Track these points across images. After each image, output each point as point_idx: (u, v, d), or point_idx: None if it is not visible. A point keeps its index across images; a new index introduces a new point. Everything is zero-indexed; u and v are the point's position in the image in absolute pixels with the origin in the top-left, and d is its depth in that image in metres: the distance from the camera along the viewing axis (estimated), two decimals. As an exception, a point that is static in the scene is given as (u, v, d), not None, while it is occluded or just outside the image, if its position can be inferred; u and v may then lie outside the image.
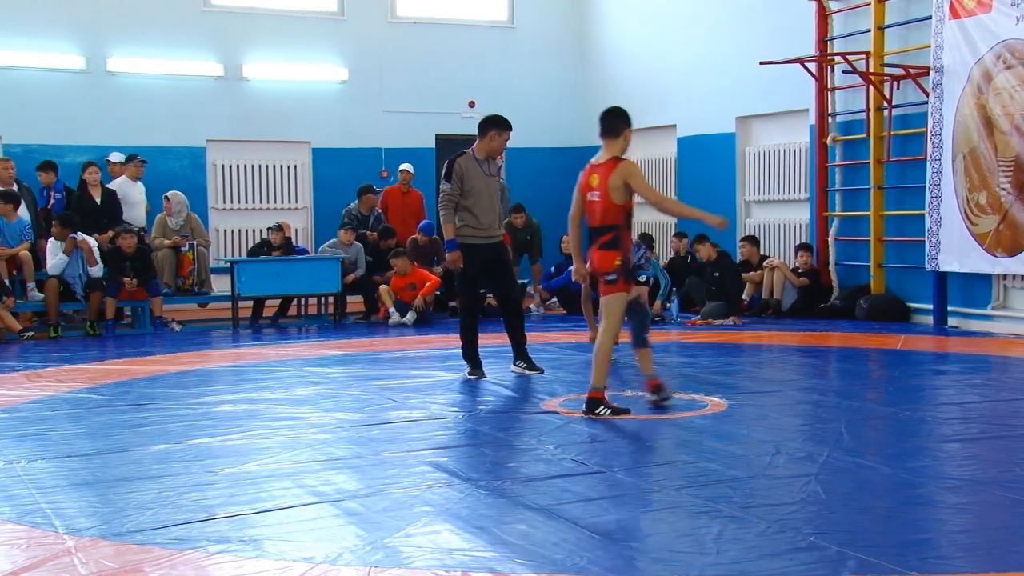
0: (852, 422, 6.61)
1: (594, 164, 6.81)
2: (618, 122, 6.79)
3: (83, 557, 4.08)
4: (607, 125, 6.79)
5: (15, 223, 11.87)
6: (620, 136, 6.77)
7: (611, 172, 6.64)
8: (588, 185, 6.78)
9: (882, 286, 12.34)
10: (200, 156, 14.85)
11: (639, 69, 15.85)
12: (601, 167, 6.73)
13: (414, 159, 15.03)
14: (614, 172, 6.63)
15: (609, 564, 3.95)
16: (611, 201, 6.64)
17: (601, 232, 6.71)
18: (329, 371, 8.97)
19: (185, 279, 12.60)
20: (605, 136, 6.79)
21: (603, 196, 6.66)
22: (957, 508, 4.73)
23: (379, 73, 15.73)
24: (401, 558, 4.05)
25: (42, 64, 14.02)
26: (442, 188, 8.29)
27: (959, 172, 11.04)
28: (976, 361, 9.34)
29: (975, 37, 10.80)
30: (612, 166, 6.66)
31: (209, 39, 14.84)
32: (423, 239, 13.47)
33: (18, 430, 6.59)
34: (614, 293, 6.71)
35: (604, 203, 6.66)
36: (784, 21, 13.35)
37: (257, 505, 4.78)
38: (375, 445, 6.00)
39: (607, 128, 6.78)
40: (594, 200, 6.72)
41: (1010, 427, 6.50)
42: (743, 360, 9.45)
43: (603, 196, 6.66)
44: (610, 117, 6.82)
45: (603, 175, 6.68)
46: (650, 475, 5.25)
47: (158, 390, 8.03)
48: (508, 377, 8.34)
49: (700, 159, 14.84)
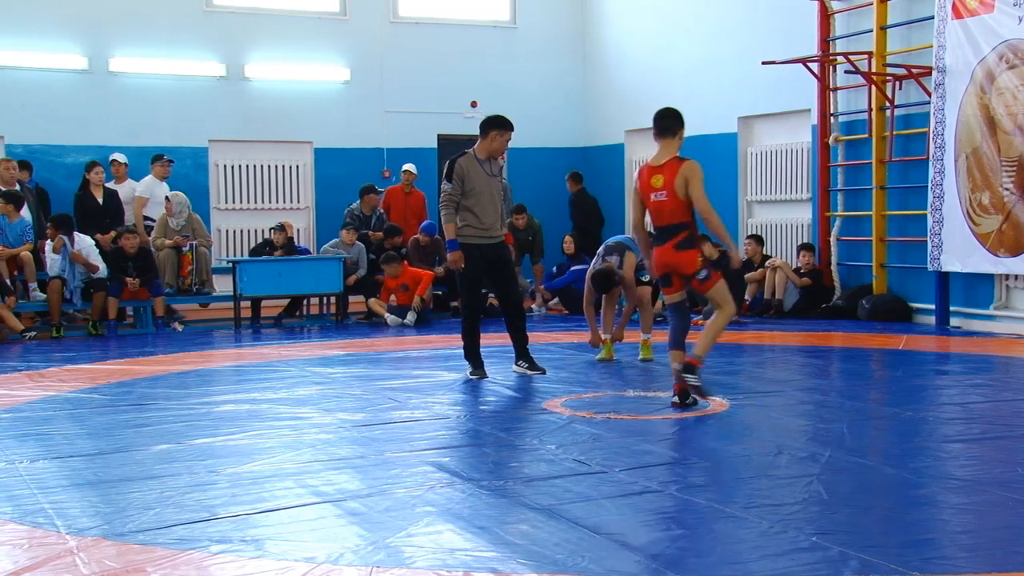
0: (854, 422, 6.61)
1: (653, 165, 6.94)
2: (674, 122, 6.98)
3: (85, 557, 4.08)
4: (664, 126, 6.95)
5: (16, 223, 11.88)
6: (676, 136, 6.95)
7: (676, 171, 6.81)
8: (651, 186, 6.89)
9: (884, 286, 12.33)
10: (202, 156, 14.85)
11: (641, 69, 15.85)
12: (664, 167, 6.88)
13: (416, 159, 15.04)
14: (679, 172, 6.80)
15: (611, 564, 3.95)
16: (679, 199, 6.81)
17: (673, 232, 6.86)
18: (331, 371, 8.98)
19: (185, 279, 12.61)
20: (662, 136, 6.95)
21: (670, 195, 6.81)
22: (959, 508, 4.72)
23: (381, 73, 15.74)
24: (403, 558, 4.05)
25: (44, 64, 14.03)
26: (443, 188, 8.29)
27: (962, 172, 11.04)
28: (978, 361, 9.33)
29: (978, 37, 10.80)
30: (677, 165, 6.84)
31: (211, 39, 14.85)
32: (425, 239, 13.47)
33: (20, 430, 6.59)
34: (715, 284, 6.94)
35: (672, 202, 6.81)
36: (786, 21, 13.35)
37: (259, 505, 4.78)
38: (377, 445, 6.00)
39: (664, 128, 6.95)
40: (661, 200, 6.85)
41: (1012, 427, 6.49)
42: (745, 360, 9.45)
43: (670, 195, 6.81)
44: (667, 118, 6.98)
45: (668, 174, 6.83)
46: (652, 475, 5.24)
47: (160, 390, 8.03)
48: (510, 377, 8.34)
49: (702, 159, 14.48)
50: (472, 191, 8.20)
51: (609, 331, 9.30)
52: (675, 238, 6.85)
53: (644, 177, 6.97)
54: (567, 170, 15.96)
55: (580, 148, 17.06)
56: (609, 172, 16.60)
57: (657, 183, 6.86)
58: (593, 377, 8.44)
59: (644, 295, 9.29)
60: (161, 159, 13.37)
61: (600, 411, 6.92)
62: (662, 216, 6.88)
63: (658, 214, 6.91)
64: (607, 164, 16.61)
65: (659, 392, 7.57)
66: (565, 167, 16.22)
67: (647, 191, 6.93)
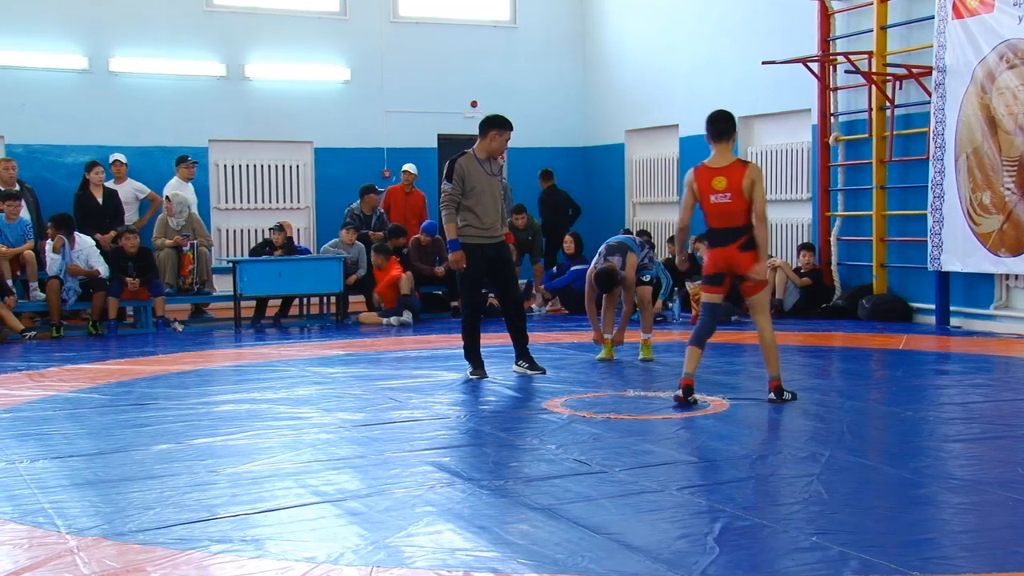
0: (854, 422, 6.61)
1: (712, 167, 7.01)
2: (729, 125, 7.09)
3: (85, 557, 4.08)
4: (720, 129, 7.06)
5: (16, 223, 11.87)
6: (731, 139, 7.08)
7: (742, 174, 6.90)
8: (712, 188, 6.93)
9: (884, 286, 12.33)
10: (202, 156, 14.82)
11: (641, 69, 15.85)
12: (727, 169, 6.95)
13: (416, 159, 15.03)
14: (745, 174, 6.90)
15: (611, 564, 3.95)
16: (744, 201, 6.89)
17: (738, 233, 6.93)
18: (331, 371, 8.98)
19: (185, 279, 12.61)
20: (718, 140, 7.05)
21: (735, 197, 6.89)
22: (959, 508, 4.72)
23: (381, 73, 15.73)
24: (403, 558, 4.05)
25: (44, 64, 14.02)
26: (443, 188, 8.29)
27: (962, 172, 11.04)
28: (978, 361, 9.33)
29: (978, 37, 10.79)
30: (741, 168, 6.93)
31: (211, 39, 14.85)
32: (426, 239, 13.47)
33: (20, 430, 6.59)
34: (763, 290, 7.08)
35: (737, 204, 6.89)
36: (786, 21, 13.35)
37: (259, 505, 4.78)
38: (377, 445, 6.00)
39: (720, 132, 7.06)
40: (723, 202, 6.92)
41: (1012, 427, 6.49)
42: (745, 360, 9.44)
43: (735, 197, 6.89)
44: (722, 122, 7.08)
45: (732, 177, 6.90)
46: (652, 475, 5.24)
47: (160, 390, 8.03)
48: (510, 377, 8.34)
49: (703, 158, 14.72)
50: (472, 191, 8.20)
51: (610, 331, 9.30)
52: (740, 239, 6.93)
53: (703, 178, 7.01)
54: (567, 170, 15.96)
55: (580, 148, 17.05)
56: (609, 172, 16.60)
57: (719, 185, 6.93)
58: (593, 377, 8.44)
59: (644, 295, 9.28)
60: (185, 160, 13.48)
61: (600, 411, 6.92)
62: (724, 217, 6.95)
63: (719, 215, 6.97)
64: (607, 164, 16.60)
65: (659, 392, 7.57)
66: (565, 167, 16.22)
67: (707, 192, 6.97)
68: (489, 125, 8.33)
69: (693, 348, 7.09)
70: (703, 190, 6.99)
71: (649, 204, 16.11)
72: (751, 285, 7.00)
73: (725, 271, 7.03)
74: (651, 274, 9.36)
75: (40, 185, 13.32)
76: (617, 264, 9.07)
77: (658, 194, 15.87)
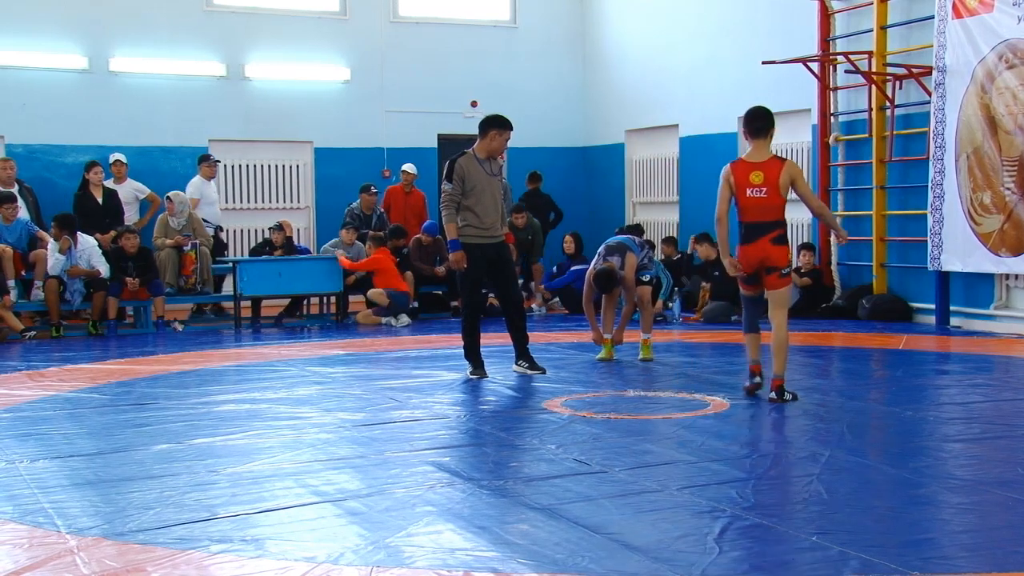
0: (854, 422, 6.61)
1: (750, 162, 7.13)
2: (767, 122, 7.20)
3: (85, 557, 4.08)
4: (759, 126, 7.17)
5: (15, 224, 11.85)
6: (769, 135, 7.19)
7: (780, 170, 7.03)
8: (749, 182, 7.04)
9: (884, 286, 12.33)
10: (202, 156, 14.85)
11: (641, 69, 15.85)
12: (764, 165, 7.08)
13: (416, 159, 15.03)
14: (783, 170, 7.03)
15: (611, 564, 3.95)
16: (780, 197, 7.05)
17: (772, 227, 7.08)
18: (331, 371, 8.98)
19: (188, 278, 12.61)
20: (757, 136, 7.17)
21: (772, 193, 7.03)
22: (960, 508, 4.72)
23: (381, 73, 15.73)
24: (403, 558, 4.05)
25: (45, 64, 14.03)
26: (443, 189, 8.29)
27: (962, 172, 11.04)
28: (979, 361, 9.33)
29: (977, 37, 10.79)
30: (779, 164, 7.07)
31: (211, 39, 14.85)
32: (427, 239, 13.46)
33: (20, 430, 6.59)
34: (787, 284, 7.24)
35: (773, 199, 7.04)
36: (786, 21, 13.35)
37: (259, 505, 4.78)
38: (377, 445, 6.00)
39: (759, 129, 7.16)
40: (759, 197, 7.05)
41: (1012, 427, 6.49)
42: (745, 360, 9.43)
43: (772, 193, 7.03)
44: (761, 118, 7.19)
45: (770, 172, 7.03)
46: (652, 475, 5.24)
47: (160, 390, 8.03)
48: (510, 377, 8.34)
49: (703, 159, 14.82)
50: (472, 191, 8.20)
51: (609, 331, 9.30)
52: (772, 233, 7.07)
53: (741, 172, 7.11)
54: (567, 170, 15.96)
55: (580, 148, 17.05)
56: (609, 172, 16.60)
57: (756, 179, 7.05)
58: (593, 377, 8.44)
59: (644, 295, 9.28)
60: (208, 159, 13.57)
61: (600, 411, 6.92)
62: (759, 212, 7.08)
63: (754, 210, 7.09)
64: (607, 164, 16.61)
65: (659, 392, 7.57)
66: (565, 167, 16.23)
67: (744, 186, 7.07)
68: (489, 125, 8.33)
69: (752, 335, 7.34)
70: (740, 184, 7.10)
71: (649, 204, 16.11)
72: (778, 279, 7.14)
73: (759, 268, 7.16)
74: (651, 274, 9.36)
75: (40, 185, 13.31)
76: (616, 264, 9.07)
77: (658, 194, 15.88)
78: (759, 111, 7.22)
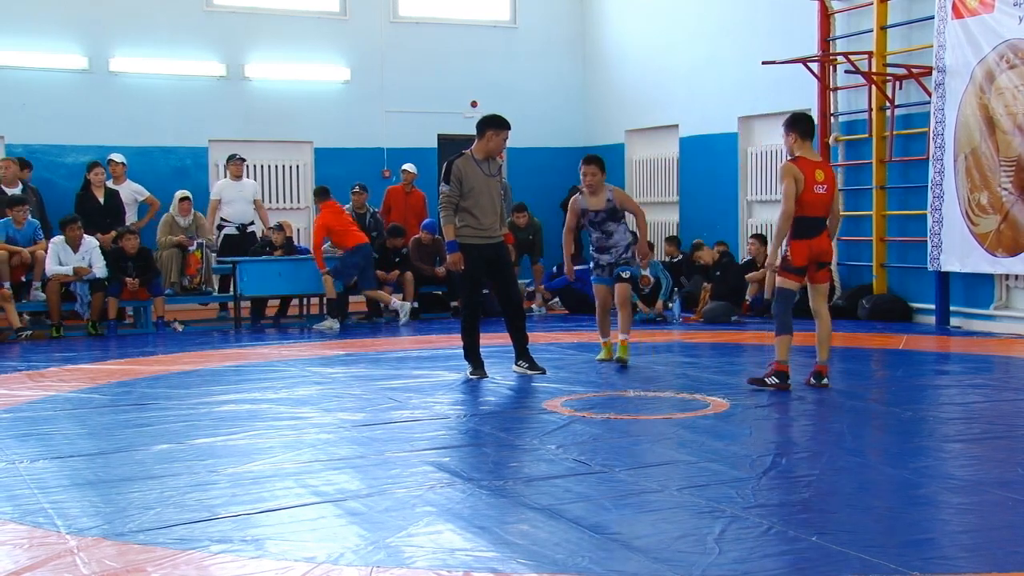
0: (854, 422, 6.61)
1: (811, 160, 7.54)
2: (813, 125, 7.73)
3: (85, 557, 4.08)
4: (809, 128, 7.62)
5: (26, 227, 11.82)
6: (812, 137, 7.67)
7: (832, 170, 7.70)
8: (815, 179, 7.44)
9: (884, 286, 12.33)
10: (202, 156, 14.85)
11: (641, 69, 15.85)
12: (822, 164, 7.64)
13: (416, 159, 15.03)
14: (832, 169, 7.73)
15: (611, 564, 3.95)
16: (834, 196, 7.58)
17: (825, 223, 7.55)
18: (331, 371, 8.98)
19: (192, 278, 12.61)
20: (807, 138, 7.58)
21: (830, 190, 7.51)
22: (959, 508, 4.72)
23: (381, 73, 15.74)
24: (403, 558, 4.05)
25: (45, 64, 14.03)
26: (441, 190, 8.28)
27: (961, 172, 11.04)
28: (978, 361, 9.34)
29: (978, 37, 10.80)
30: (829, 165, 7.65)
31: (211, 39, 14.85)
32: (427, 238, 13.45)
33: (20, 430, 6.59)
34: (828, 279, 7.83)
35: (830, 196, 7.52)
36: (786, 21, 13.35)
37: (259, 505, 4.78)
38: (377, 445, 6.00)
39: (809, 131, 7.60)
40: (822, 193, 7.46)
41: (1012, 427, 6.50)
42: (745, 360, 9.45)
43: (830, 190, 7.51)
44: (809, 121, 7.67)
45: (828, 171, 7.58)
46: (652, 475, 5.24)
47: (160, 390, 8.03)
48: (510, 377, 8.34)
49: (702, 159, 14.84)
50: (470, 192, 8.20)
51: (606, 334, 9.26)
52: (827, 229, 7.56)
53: (808, 169, 7.44)
54: (567, 170, 15.89)
55: (580, 148, 17.01)
56: (609, 172, 16.49)
57: (820, 177, 7.46)
58: (593, 377, 8.44)
59: (622, 293, 9.08)
60: (234, 158, 13.54)
61: (600, 411, 6.92)
62: (820, 208, 7.48)
63: (817, 206, 7.46)
64: (607, 164, 16.54)
65: (659, 392, 7.57)
66: (565, 167, 16.19)
67: (812, 183, 7.42)
68: (486, 125, 8.33)
69: (788, 337, 7.63)
70: (808, 180, 7.38)
71: (649, 204, 16.07)
72: (828, 272, 7.71)
73: (817, 259, 7.54)
74: (630, 270, 9.16)
75: (40, 185, 13.28)
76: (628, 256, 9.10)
77: (658, 194, 15.88)
78: (806, 115, 7.75)
